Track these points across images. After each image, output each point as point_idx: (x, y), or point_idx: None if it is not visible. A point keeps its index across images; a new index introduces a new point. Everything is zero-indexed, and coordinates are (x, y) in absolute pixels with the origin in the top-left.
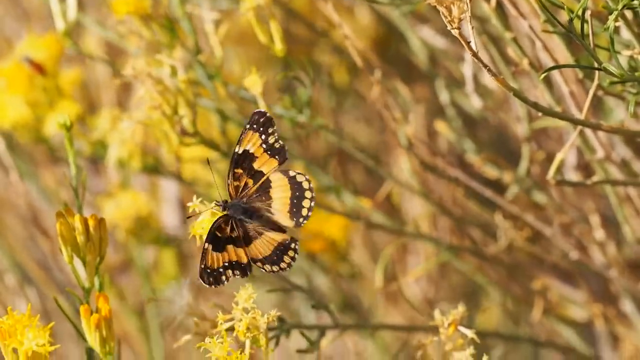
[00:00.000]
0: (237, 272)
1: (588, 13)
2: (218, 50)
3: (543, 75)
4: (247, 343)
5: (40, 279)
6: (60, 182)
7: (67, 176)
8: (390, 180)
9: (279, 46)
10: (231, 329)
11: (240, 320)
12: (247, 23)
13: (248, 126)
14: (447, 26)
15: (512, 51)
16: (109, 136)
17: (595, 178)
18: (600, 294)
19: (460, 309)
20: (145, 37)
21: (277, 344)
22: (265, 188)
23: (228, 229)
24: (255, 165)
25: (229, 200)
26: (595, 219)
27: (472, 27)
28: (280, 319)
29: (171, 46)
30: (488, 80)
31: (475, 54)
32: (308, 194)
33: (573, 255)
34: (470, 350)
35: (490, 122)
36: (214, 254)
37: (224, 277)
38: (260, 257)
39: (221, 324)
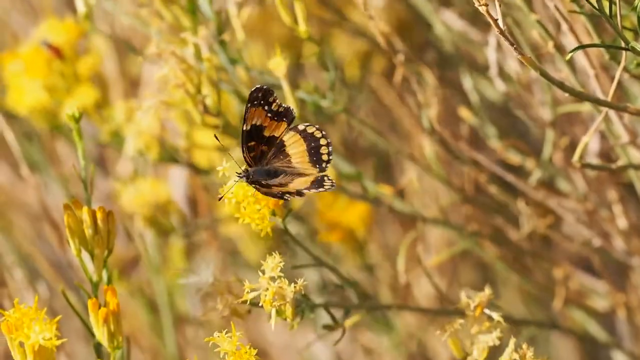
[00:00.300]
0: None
1: None
2: (240, 33)
3: (569, 56)
4: (273, 313)
5: (49, 274)
6: (71, 176)
7: (76, 169)
8: (411, 166)
9: (302, 28)
10: (255, 304)
11: (267, 289)
12: (264, 10)
13: (249, 104)
14: (473, 4)
15: (537, 34)
16: (125, 127)
17: (620, 162)
18: (622, 283)
19: (487, 291)
20: (166, 20)
21: (302, 317)
22: (281, 148)
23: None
24: (267, 133)
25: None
26: (617, 207)
27: (500, 5)
28: (305, 295)
29: (193, 29)
30: (511, 65)
31: (502, 32)
32: (323, 141)
33: (595, 243)
34: (497, 332)
35: (512, 108)
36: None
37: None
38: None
39: (247, 292)
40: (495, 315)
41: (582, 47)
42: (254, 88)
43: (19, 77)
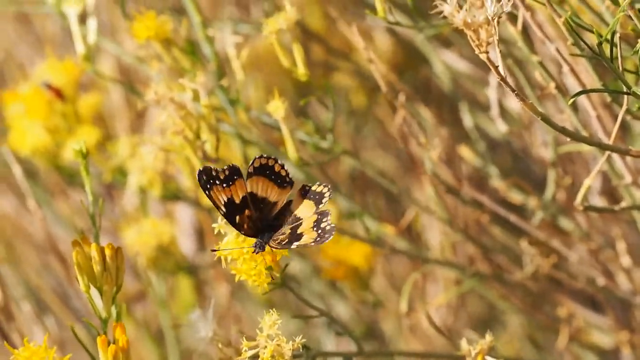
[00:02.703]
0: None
1: (617, 36)
2: (240, 74)
3: (572, 100)
4: None
5: (56, 306)
6: (77, 209)
7: (84, 204)
8: (414, 206)
9: (301, 70)
10: (255, 357)
11: (265, 347)
12: (264, 48)
13: (252, 173)
14: (474, 50)
15: (538, 75)
16: (129, 163)
17: (623, 204)
18: (626, 320)
19: (488, 338)
20: (166, 61)
21: None
22: (283, 211)
23: None
24: (272, 199)
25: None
26: (621, 245)
27: (500, 51)
28: (305, 346)
29: (193, 71)
30: (512, 104)
31: (503, 79)
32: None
33: (599, 282)
34: None
35: (514, 146)
36: (298, 242)
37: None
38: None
39: (245, 351)
40: None
41: (583, 92)
42: (257, 157)
43: (20, 119)
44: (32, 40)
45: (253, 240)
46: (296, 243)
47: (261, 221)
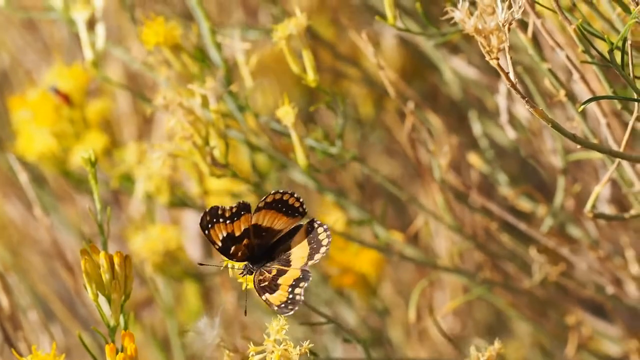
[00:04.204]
0: (303, 283)
1: (628, 43)
2: (249, 80)
3: (582, 108)
4: None
5: (63, 315)
6: (84, 215)
7: (91, 211)
8: (422, 214)
9: (311, 76)
10: None
11: (272, 352)
12: (272, 54)
13: (263, 204)
14: (483, 57)
15: (548, 82)
16: (136, 170)
17: (632, 212)
18: (635, 329)
19: (497, 344)
20: (175, 67)
21: None
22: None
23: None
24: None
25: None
26: (630, 253)
27: (510, 58)
28: (312, 352)
29: (201, 77)
30: (521, 111)
31: (513, 85)
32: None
33: (608, 290)
34: None
35: (523, 154)
36: (274, 295)
37: (302, 297)
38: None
39: (252, 355)
40: None
41: (593, 99)
42: (272, 193)
43: (28, 125)
44: (39, 47)
45: None
46: (265, 296)
47: (259, 247)
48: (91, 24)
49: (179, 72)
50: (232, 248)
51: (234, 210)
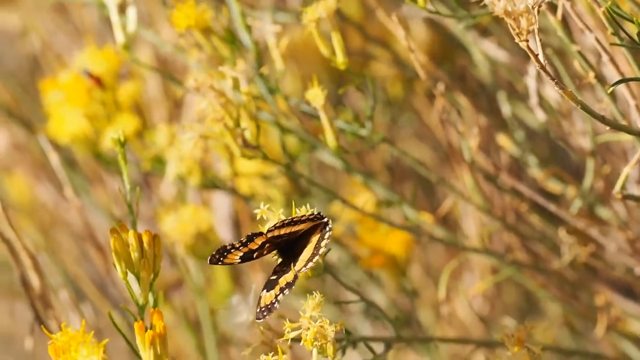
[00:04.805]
0: (286, 291)
1: None
2: (279, 63)
3: (611, 89)
4: (315, 352)
5: (94, 295)
6: (114, 198)
7: (121, 192)
8: (452, 195)
9: (340, 59)
10: (297, 340)
11: (308, 328)
12: (301, 37)
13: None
14: (513, 39)
15: (577, 64)
16: (167, 152)
17: None
18: None
19: (527, 324)
20: (205, 50)
21: (343, 354)
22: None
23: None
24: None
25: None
26: None
27: (539, 40)
28: (347, 331)
29: (232, 59)
30: (551, 93)
31: (543, 67)
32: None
33: (637, 271)
34: None
35: (552, 136)
36: (267, 294)
37: (277, 305)
38: (304, 263)
39: (288, 332)
40: (535, 349)
41: (622, 81)
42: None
43: (60, 106)
44: (70, 30)
45: None
46: (263, 292)
47: (284, 244)
48: (122, 8)
49: (209, 54)
50: (255, 254)
51: (243, 241)
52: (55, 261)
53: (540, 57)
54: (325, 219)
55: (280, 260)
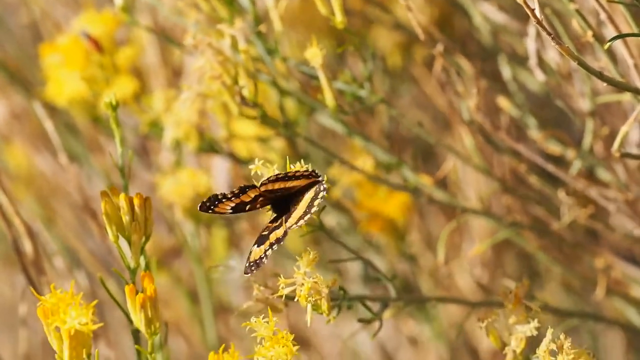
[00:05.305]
0: (275, 247)
1: None
2: (277, 24)
3: (608, 45)
4: (309, 308)
5: (91, 264)
6: (113, 165)
7: (112, 156)
8: (451, 157)
9: (339, 18)
10: (291, 297)
11: (302, 284)
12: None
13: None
14: (513, 1)
15: (576, 24)
16: (164, 116)
17: None
18: None
19: (525, 282)
20: (204, 11)
21: (338, 312)
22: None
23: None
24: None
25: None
26: None
27: None
28: (342, 289)
29: (230, 21)
30: (551, 55)
31: (540, 22)
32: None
33: (637, 233)
34: (535, 322)
35: (552, 98)
36: (257, 249)
37: (265, 260)
38: (296, 220)
39: (282, 288)
40: (533, 306)
41: (620, 36)
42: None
43: (58, 69)
44: (68, 1)
45: None
46: (253, 247)
47: (278, 200)
48: None
49: (207, 16)
50: (247, 207)
51: (235, 192)
52: (51, 230)
53: (537, 12)
54: (320, 177)
55: (273, 215)
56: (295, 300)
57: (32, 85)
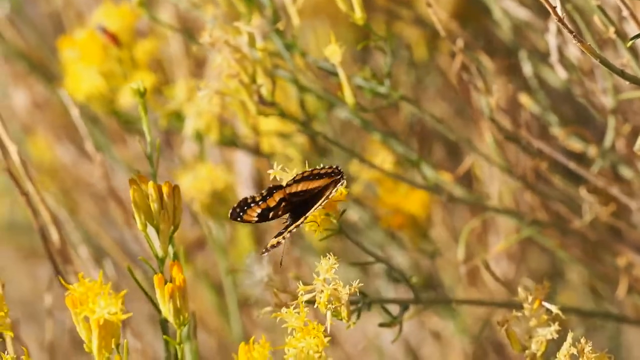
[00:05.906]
0: (294, 230)
1: None
2: (296, 19)
3: (630, 43)
4: (328, 315)
5: (115, 254)
6: (135, 158)
7: (141, 144)
8: (472, 154)
9: (358, 14)
10: (311, 302)
11: (322, 291)
12: None
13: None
14: None
15: (598, 20)
16: (185, 108)
17: None
18: None
19: (545, 284)
20: (221, 6)
21: (358, 317)
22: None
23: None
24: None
25: None
26: None
27: None
28: (362, 293)
29: (248, 16)
30: (572, 51)
31: (561, 19)
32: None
33: None
34: (555, 326)
35: (574, 95)
36: (274, 239)
37: (282, 242)
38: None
39: (301, 294)
40: (554, 308)
41: None
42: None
43: (76, 64)
44: None
45: None
46: (272, 240)
47: (299, 203)
48: None
49: (225, 11)
50: (271, 214)
51: (264, 194)
52: (75, 220)
53: (558, 10)
54: (343, 175)
55: (290, 221)
56: (315, 306)
57: (53, 75)
